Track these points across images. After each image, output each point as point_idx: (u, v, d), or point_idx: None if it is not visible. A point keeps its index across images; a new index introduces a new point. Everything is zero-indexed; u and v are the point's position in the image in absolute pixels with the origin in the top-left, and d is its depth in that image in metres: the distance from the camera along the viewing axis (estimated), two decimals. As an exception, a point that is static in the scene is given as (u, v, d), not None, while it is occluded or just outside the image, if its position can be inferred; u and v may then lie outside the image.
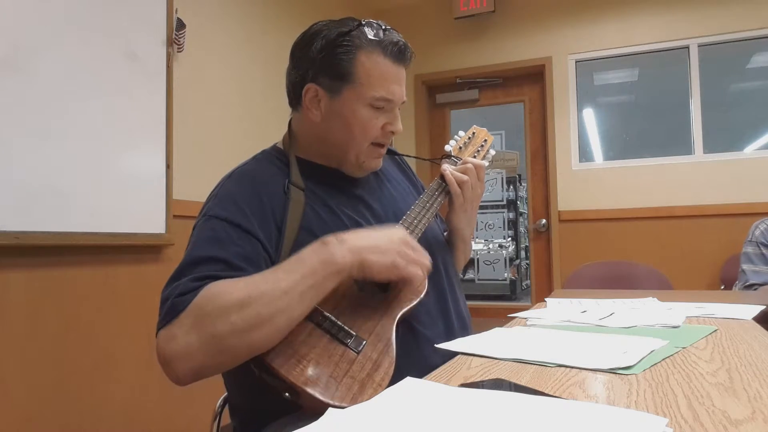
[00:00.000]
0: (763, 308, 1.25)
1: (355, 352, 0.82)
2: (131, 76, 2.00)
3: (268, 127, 2.74)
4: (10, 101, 1.60)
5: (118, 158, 1.94)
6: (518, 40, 3.81)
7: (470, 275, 4.30)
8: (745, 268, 1.95)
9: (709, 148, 3.43)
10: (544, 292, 3.70)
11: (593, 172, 3.64)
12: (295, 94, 1.00)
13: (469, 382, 0.67)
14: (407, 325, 0.93)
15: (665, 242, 3.41)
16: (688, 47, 3.49)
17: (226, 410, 1.05)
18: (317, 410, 0.62)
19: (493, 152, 1.19)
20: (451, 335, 0.99)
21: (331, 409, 0.56)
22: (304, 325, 0.82)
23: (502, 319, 1.19)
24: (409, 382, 0.65)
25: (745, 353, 0.79)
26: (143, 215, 2.03)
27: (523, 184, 4.77)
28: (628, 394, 0.60)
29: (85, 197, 1.80)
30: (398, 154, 1.23)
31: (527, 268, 4.49)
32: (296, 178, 0.97)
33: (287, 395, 0.77)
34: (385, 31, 0.96)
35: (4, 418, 1.59)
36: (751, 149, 3.43)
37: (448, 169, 1.09)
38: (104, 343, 1.91)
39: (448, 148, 1.15)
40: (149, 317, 0.95)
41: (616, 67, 3.73)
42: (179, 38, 2.22)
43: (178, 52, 2.23)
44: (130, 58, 1.99)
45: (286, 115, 1.07)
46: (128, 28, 2.00)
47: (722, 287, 3.21)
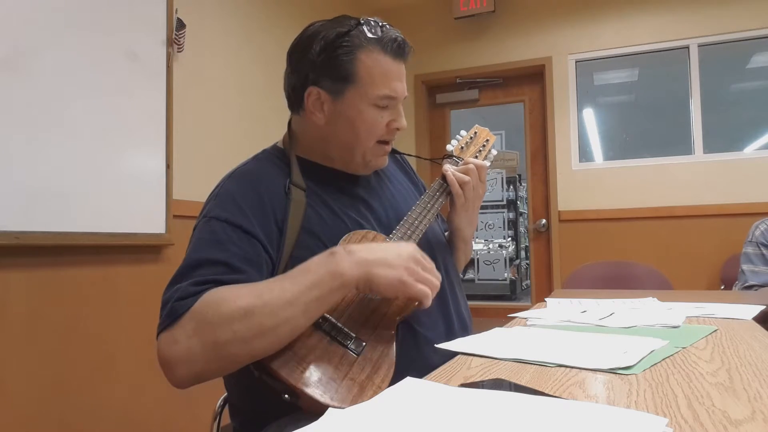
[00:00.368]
0: (763, 308, 1.25)
1: (355, 354, 0.82)
2: (131, 76, 2.00)
3: (268, 126, 2.74)
4: (10, 101, 1.60)
5: (118, 158, 1.94)
6: (518, 40, 3.81)
7: (470, 275, 4.30)
8: (744, 268, 1.95)
9: (709, 148, 3.43)
10: (544, 292, 3.70)
11: (593, 172, 3.64)
12: (296, 97, 0.98)
13: (469, 382, 0.67)
14: (407, 326, 0.93)
15: (665, 242, 3.41)
16: (688, 47, 3.49)
17: (226, 411, 1.05)
18: (317, 412, 0.62)
19: (494, 152, 1.19)
20: (451, 336, 0.99)
21: (331, 408, 0.56)
22: (304, 326, 0.82)
23: (502, 319, 1.19)
24: (409, 382, 0.65)
25: (745, 353, 0.79)
26: (143, 215, 2.03)
27: (523, 184, 4.77)
28: (628, 394, 0.60)
29: (85, 197, 1.80)
30: (400, 153, 1.22)
31: (527, 268, 4.49)
32: (297, 178, 0.96)
33: (287, 397, 0.77)
34: (382, 28, 0.95)
35: (4, 418, 1.59)
36: (751, 149, 3.43)
37: (449, 169, 1.08)
38: (104, 343, 1.91)
39: (449, 147, 1.15)
40: (149, 317, 0.95)
41: (616, 67, 3.73)
42: (179, 38, 2.22)
43: (178, 52, 2.23)
44: (130, 58, 1.99)
45: (286, 115, 1.06)
46: (128, 28, 2.00)
47: (722, 287, 3.21)
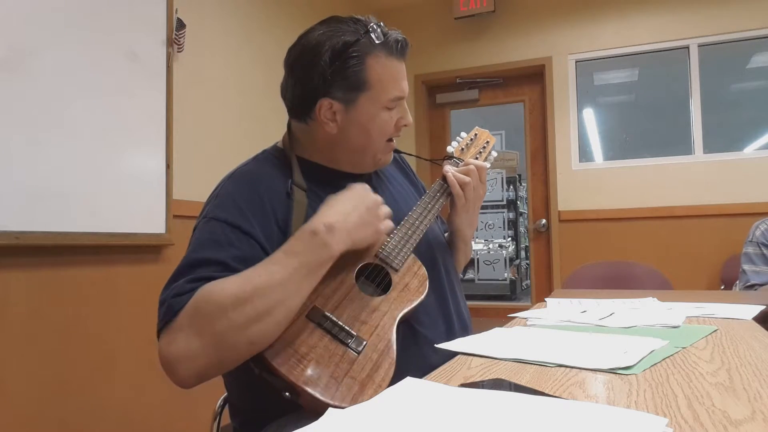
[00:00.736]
0: (763, 308, 1.25)
1: (355, 352, 0.82)
2: (131, 76, 2.00)
3: (268, 127, 2.74)
4: (10, 101, 1.60)
5: (118, 158, 1.94)
6: (518, 40, 3.81)
7: (470, 275, 4.30)
8: (745, 268, 1.95)
9: (709, 148, 3.43)
10: (544, 292, 3.71)
11: (593, 172, 3.64)
12: (303, 108, 0.97)
13: (469, 382, 0.67)
14: (408, 325, 0.93)
15: (665, 242, 3.41)
16: (688, 47, 3.49)
17: (226, 410, 1.05)
18: (317, 410, 0.62)
19: (495, 154, 1.19)
20: (451, 336, 0.99)
21: (331, 409, 0.56)
22: (305, 324, 0.82)
23: (502, 319, 1.19)
24: (409, 382, 0.65)
25: (745, 353, 0.79)
26: (143, 215, 2.03)
27: (523, 184, 4.77)
28: (628, 394, 0.60)
29: (85, 197, 1.80)
30: (401, 152, 1.23)
31: (527, 268, 4.49)
32: (298, 178, 0.96)
33: (287, 395, 0.77)
34: (383, 30, 0.95)
35: (4, 418, 1.59)
36: (751, 149, 3.43)
37: (450, 170, 1.09)
38: (104, 343, 1.91)
39: (450, 149, 1.15)
40: (149, 317, 0.95)
41: (616, 67, 3.73)
42: (179, 38, 2.22)
43: (178, 52, 2.23)
44: (130, 58, 1.99)
45: (285, 115, 1.06)
46: (128, 28, 2.00)
47: (722, 287, 3.21)
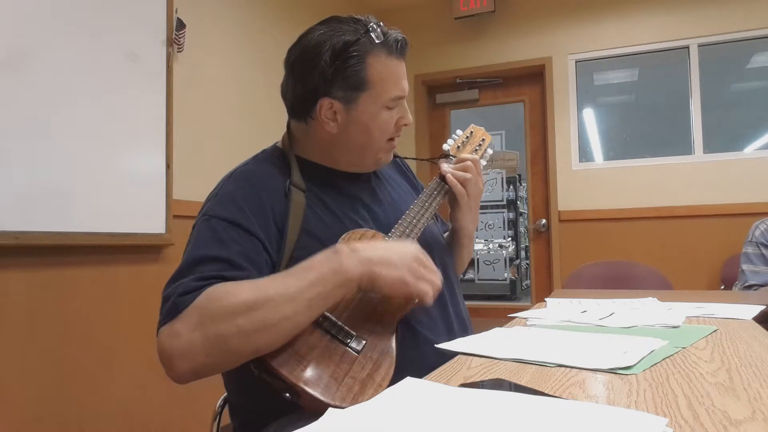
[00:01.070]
0: (763, 308, 1.25)
1: (355, 352, 0.82)
2: (131, 76, 2.00)
3: (268, 126, 2.74)
4: (10, 101, 1.60)
5: (118, 158, 1.94)
6: (518, 40, 3.81)
7: (470, 275, 4.30)
8: (744, 268, 1.95)
9: (709, 148, 3.43)
10: (544, 292, 3.70)
11: (593, 172, 3.64)
12: (304, 108, 0.98)
13: (469, 382, 0.67)
14: (407, 325, 0.93)
15: (665, 242, 3.41)
16: (688, 47, 3.49)
17: (226, 410, 1.05)
18: (317, 410, 0.62)
19: (491, 151, 1.19)
20: (451, 336, 0.99)
21: (331, 409, 0.56)
22: (304, 325, 0.82)
23: (502, 319, 1.19)
24: (409, 382, 0.65)
25: (745, 353, 0.79)
26: (143, 215, 2.03)
27: (523, 184, 4.77)
28: (628, 394, 0.60)
29: (85, 197, 1.80)
30: (398, 156, 1.23)
31: (527, 268, 4.48)
32: (297, 178, 0.96)
33: (287, 395, 0.77)
34: (383, 29, 0.96)
35: (4, 418, 1.59)
36: (751, 149, 3.43)
37: (449, 171, 1.09)
38: (104, 342, 1.91)
39: (446, 147, 1.15)
40: (149, 317, 0.95)
41: (616, 67, 3.73)
42: (179, 38, 2.22)
43: (178, 52, 2.23)
44: (130, 58, 1.99)
45: (285, 114, 1.06)
46: (128, 28, 2.00)
47: (722, 287, 3.21)
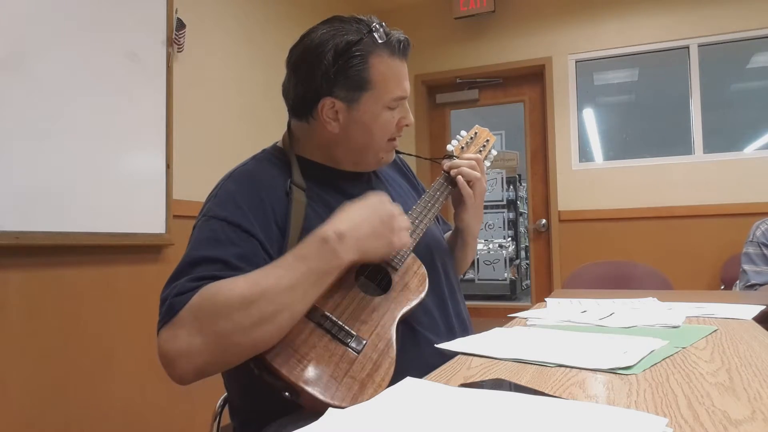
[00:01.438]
0: (763, 308, 1.25)
1: (355, 352, 0.82)
2: (131, 76, 2.00)
3: (268, 126, 2.74)
4: (10, 101, 1.60)
5: (118, 158, 1.94)
6: (518, 40, 3.81)
7: (470, 275, 4.30)
8: (746, 268, 1.95)
9: (709, 148, 3.43)
10: (544, 292, 3.70)
11: (593, 172, 3.64)
12: (305, 107, 0.98)
13: (469, 382, 0.67)
14: (407, 325, 0.93)
15: (665, 242, 3.41)
16: (688, 47, 3.49)
17: (226, 410, 1.05)
18: (317, 410, 0.62)
19: (494, 152, 1.19)
20: (451, 336, 0.99)
21: (331, 409, 0.56)
22: (305, 324, 0.82)
23: (502, 319, 1.19)
24: (409, 382, 0.65)
25: (745, 353, 0.79)
26: (143, 215, 2.03)
27: (523, 184, 4.77)
28: (628, 394, 0.60)
29: (85, 197, 1.80)
30: (400, 152, 1.23)
31: (527, 268, 4.49)
32: (298, 177, 0.96)
33: (287, 395, 0.77)
34: (385, 29, 0.96)
35: (4, 418, 1.59)
36: (751, 149, 3.43)
37: (459, 170, 1.09)
38: (104, 342, 1.91)
39: (450, 148, 1.15)
40: (149, 317, 0.95)
41: (616, 67, 3.73)
42: (179, 38, 2.22)
43: (178, 52, 2.23)
44: (130, 58, 1.99)
45: (285, 114, 1.06)
46: (128, 28, 2.00)
47: (722, 287, 3.21)
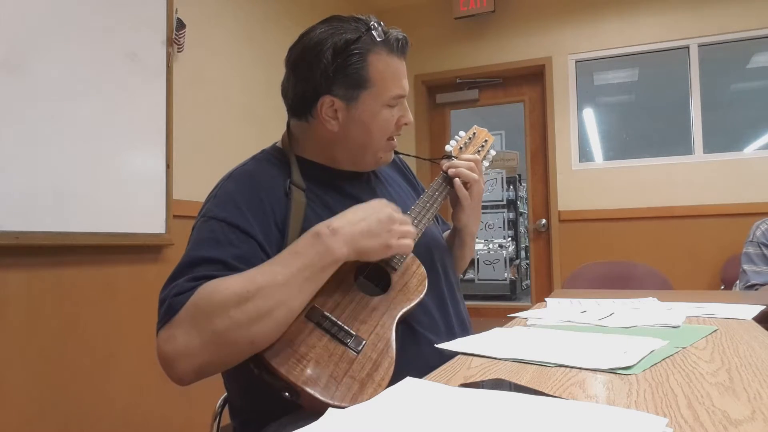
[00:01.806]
0: (763, 308, 1.25)
1: (355, 351, 0.82)
2: (131, 76, 2.00)
3: (268, 126, 2.74)
4: (10, 101, 1.60)
5: (118, 158, 1.94)
6: (518, 40, 3.81)
7: (470, 275, 4.30)
8: (746, 268, 1.95)
9: (709, 148, 3.43)
10: (544, 292, 3.70)
11: (593, 172, 3.64)
12: (304, 106, 0.98)
13: (469, 382, 0.67)
14: (407, 325, 0.93)
15: (665, 242, 3.41)
16: (688, 47, 3.49)
17: (226, 410, 1.05)
18: (317, 410, 0.62)
19: (493, 152, 1.20)
20: (451, 336, 0.99)
21: (331, 409, 0.56)
22: (304, 324, 0.82)
23: (502, 319, 1.19)
24: (409, 382, 0.65)
25: (745, 353, 0.79)
26: (143, 215, 2.03)
27: (523, 184, 4.77)
28: (628, 394, 0.60)
29: (85, 197, 1.80)
30: (399, 153, 1.23)
31: (527, 268, 4.49)
32: (297, 178, 0.96)
33: (287, 395, 0.77)
34: (383, 28, 0.96)
35: (4, 418, 1.59)
36: (751, 149, 3.43)
37: (456, 172, 1.09)
38: (104, 342, 1.91)
39: (448, 148, 1.15)
40: (149, 317, 0.95)
41: (616, 67, 3.73)
42: (179, 38, 2.22)
43: (178, 52, 2.23)
44: (130, 58, 1.99)
45: (285, 114, 1.06)
46: (128, 28, 2.00)
47: (722, 287, 3.21)
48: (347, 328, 0.84)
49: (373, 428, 0.51)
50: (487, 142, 1.20)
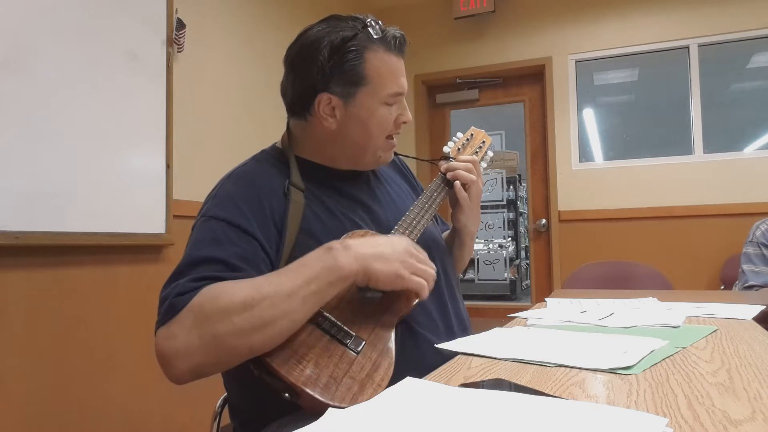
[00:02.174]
0: (763, 308, 1.25)
1: (354, 352, 0.82)
2: (131, 76, 2.00)
3: (268, 126, 2.74)
4: (10, 101, 1.60)
5: (118, 158, 1.94)
6: (518, 40, 3.81)
7: (470, 275, 4.30)
8: (745, 268, 1.95)
9: (709, 148, 3.43)
10: (544, 292, 3.70)
11: (593, 172, 3.64)
12: (302, 104, 0.98)
13: (469, 382, 0.67)
14: (406, 325, 0.93)
15: (665, 242, 3.41)
16: (688, 47, 3.49)
17: (226, 410, 1.05)
18: (317, 410, 0.62)
19: (491, 153, 1.20)
20: (450, 336, 0.99)
21: (331, 409, 0.56)
22: (303, 325, 0.82)
23: (502, 319, 1.19)
24: (409, 382, 0.65)
25: (745, 353, 0.79)
26: (143, 215, 2.03)
27: (523, 184, 4.77)
28: (628, 394, 0.60)
29: (85, 197, 1.80)
30: (398, 154, 1.23)
31: (527, 268, 4.49)
32: (296, 178, 0.96)
33: (287, 395, 0.77)
34: (381, 26, 0.96)
35: (4, 418, 1.59)
36: (751, 149, 3.43)
37: (455, 174, 1.10)
38: (104, 343, 1.91)
39: (446, 149, 1.16)
40: (149, 317, 0.95)
41: (616, 67, 3.73)
42: (179, 38, 2.22)
43: (178, 52, 2.23)
44: (130, 58, 1.99)
45: (285, 114, 1.06)
46: (128, 28, 2.00)
47: (722, 287, 3.21)
48: (347, 328, 0.84)
49: (373, 428, 0.51)
50: (484, 143, 1.20)
